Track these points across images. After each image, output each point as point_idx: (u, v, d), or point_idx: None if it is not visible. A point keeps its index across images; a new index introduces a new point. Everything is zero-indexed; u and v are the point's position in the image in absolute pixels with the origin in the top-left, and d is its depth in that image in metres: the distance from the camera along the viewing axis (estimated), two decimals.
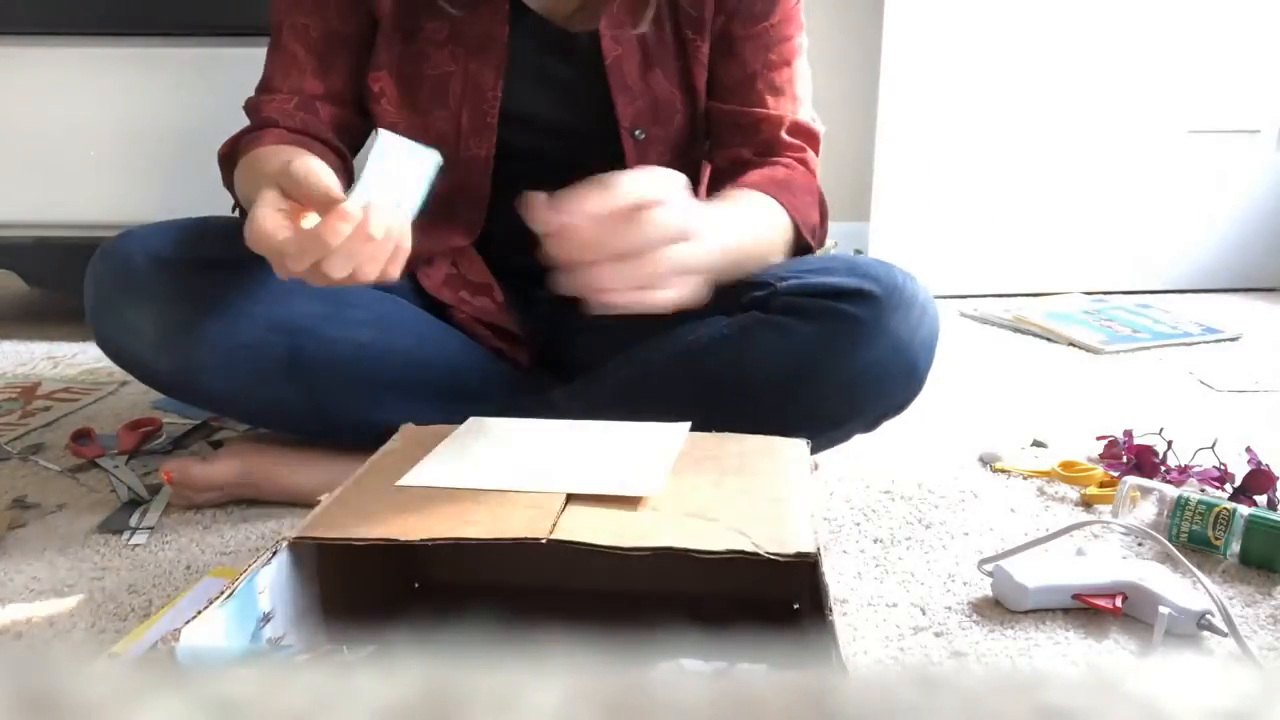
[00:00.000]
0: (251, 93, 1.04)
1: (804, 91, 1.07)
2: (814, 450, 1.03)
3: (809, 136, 1.05)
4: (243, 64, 1.59)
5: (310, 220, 0.75)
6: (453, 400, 0.99)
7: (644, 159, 1.03)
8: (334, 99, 1.02)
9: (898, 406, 0.97)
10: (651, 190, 0.72)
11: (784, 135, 1.03)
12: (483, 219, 1.05)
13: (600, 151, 1.04)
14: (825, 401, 0.93)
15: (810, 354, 0.91)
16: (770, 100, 1.03)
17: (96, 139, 1.63)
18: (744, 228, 0.91)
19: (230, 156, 1.00)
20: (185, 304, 0.90)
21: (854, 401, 0.93)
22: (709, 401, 0.93)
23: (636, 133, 1.02)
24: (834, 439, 1.00)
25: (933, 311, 0.94)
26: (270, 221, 0.73)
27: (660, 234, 0.71)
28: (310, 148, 0.96)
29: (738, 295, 0.95)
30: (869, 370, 0.91)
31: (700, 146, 1.08)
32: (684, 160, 1.07)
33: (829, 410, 0.94)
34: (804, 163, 1.04)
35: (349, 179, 1.02)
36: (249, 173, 0.93)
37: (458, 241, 1.06)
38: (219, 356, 0.92)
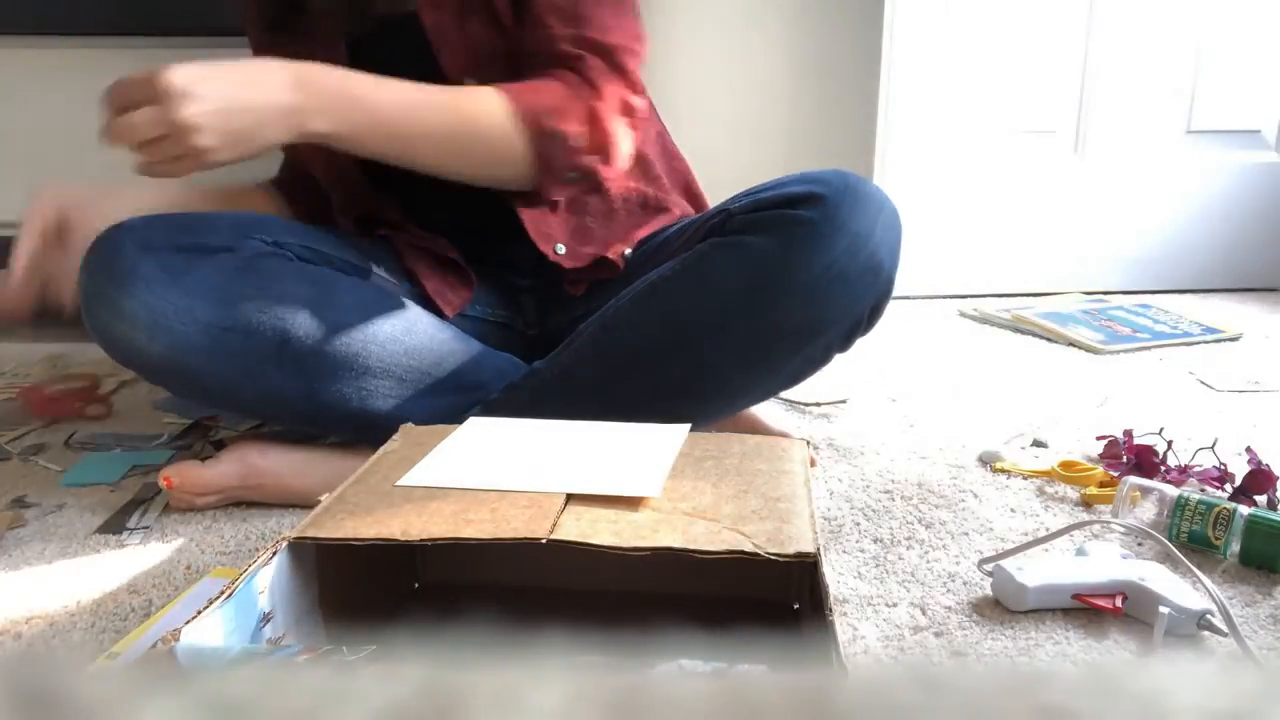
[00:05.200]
0: None
1: (600, 10, 1.02)
2: (799, 379, 1.02)
3: (594, 47, 1.00)
4: None
5: None
6: (444, 390, 1.00)
7: None
8: None
9: (869, 313, 0.96)
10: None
11: (562, 48, 1.00)
12: (387, 196, 1.12)
13: None
14: (791, 310, 0.92)
15: (767, 264, 0.91)
16: (554, 22, 1.00)
17: (96, 139, 1.62)
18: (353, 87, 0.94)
19: None
20: (174, 287, 0.91)
21: (820, 306, 0.93)
22: (678, 330, 0.95)
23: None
24: (812, 359, 0.99)
25: (890, 208, 0.94)
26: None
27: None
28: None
29: (700, 232, 0.96)
30: (830, 269, 0.91)
31: None
32: None
33: (797, 320, 0.93)
34: (579, 70, 1.00)
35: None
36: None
37: (391, 214, 1.13)
38: (210, 339, 0.92)
